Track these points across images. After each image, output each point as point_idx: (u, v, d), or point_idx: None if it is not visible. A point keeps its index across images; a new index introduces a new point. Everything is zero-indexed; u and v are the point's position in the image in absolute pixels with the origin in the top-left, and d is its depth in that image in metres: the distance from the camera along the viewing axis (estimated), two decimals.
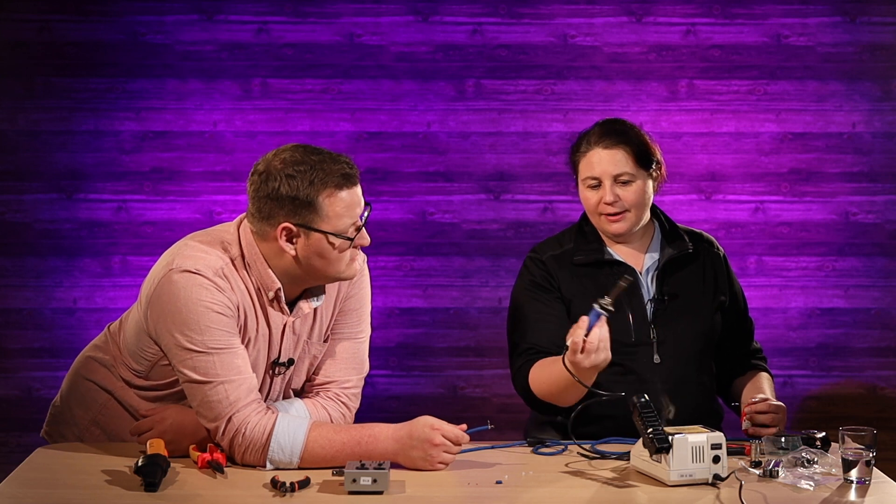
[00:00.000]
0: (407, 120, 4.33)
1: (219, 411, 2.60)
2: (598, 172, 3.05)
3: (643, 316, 3.07)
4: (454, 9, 4.31)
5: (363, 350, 2.87)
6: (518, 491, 2.51)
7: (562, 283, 3.11)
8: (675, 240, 3.15)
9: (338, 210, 2.60)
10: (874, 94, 4.31)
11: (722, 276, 3.17)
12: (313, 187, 2.58)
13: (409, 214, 4.33)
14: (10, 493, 2.46)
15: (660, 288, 3.09)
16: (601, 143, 3.06)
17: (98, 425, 2.84)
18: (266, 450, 2.58)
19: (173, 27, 4.28)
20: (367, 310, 2.88)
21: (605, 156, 3.05)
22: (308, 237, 2.60)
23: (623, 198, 3.04)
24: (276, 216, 2.60)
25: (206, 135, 4.31)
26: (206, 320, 2.59)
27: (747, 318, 3.25)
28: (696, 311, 3.10)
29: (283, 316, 2.71)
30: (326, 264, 2.64)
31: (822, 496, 2.48)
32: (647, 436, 2.51)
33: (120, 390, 2.81)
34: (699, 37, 4.32)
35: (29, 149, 4.29)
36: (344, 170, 2.60)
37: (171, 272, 2.61)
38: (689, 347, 3.08)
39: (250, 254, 2.66)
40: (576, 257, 3.12)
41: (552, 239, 3.22)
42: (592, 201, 3.07)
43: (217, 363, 2.59)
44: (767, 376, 3.19)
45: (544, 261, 3.14)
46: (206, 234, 2.73)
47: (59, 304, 4.32)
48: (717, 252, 3.21)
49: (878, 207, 4.33)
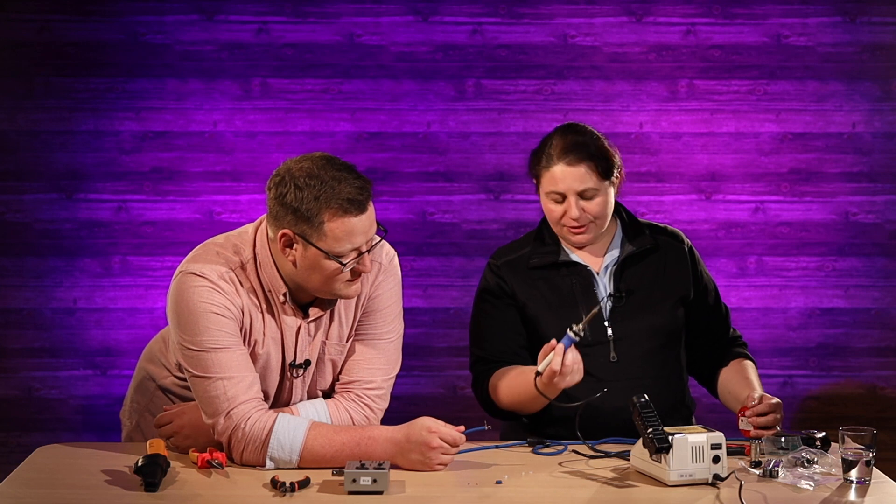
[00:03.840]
0: (407, 120, 4.33)
1: (217, 406, 2.61)
2: (563, 189, 3.01)
3: (598, 315, 3.04)
4: (454, 9, 4.31)
5: (391, 350, 2.84)
6: (518, 491, 2.52)
7: (516, 288, 3.11)
8: (637, 236, 3.12)
9: (337, 233, 2.58)
10: (874, 94, 4.31)
11: (685, 271, 3.13)
12: (317, 204, 2.57)
13: (409, 214, 4.33)
14: (10, 493, 2.46)
15: (616, 285, 3.08)
16: (564, 158, 3.00)
17: (150, 412, 2.91)
18: (266, 446, 2.59)
19: (173, 27, 4.28)
20: (396, 309, 2.84)
21: (568, 172, 3.00)
22: (305, 249, 2.61)
23: (588, 210, 3.02)
24: (281, 221, 2.61)
25: (206, 135, 4.31)
26: (204, 321, 2.61)
27: (719, 308, 3.20)
28: (654, 307, 3.07)
29: (297, 319, 2.72)
30: (322, 280, 2.63)
31: (821, 496, 2.48)
32: (647, 436, 2.52)
33: (163, 378, 2.90)
34: (699, 37, 4.32)
35: (29, 149, 4.29)
36: (353, 195, 2.57)
37: (181, 274, 2.67)
38: (647, 344, 3.05)
39: (262, 255, 2.68)
40: (531, 261, 3.12)
41: (512, 244, 3.22)
42: (556, 213, 3.05)
43: (215, 361, 2.61)
44: (751, 364, 3.17)
45: (500, 266, 3.14)
46: (225, 237, 2.76)
47: (59, 304, 4.32)
48: (681, 246, 3.16)
49: (878, 207, 4.33)
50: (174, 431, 2.75)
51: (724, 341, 3.21)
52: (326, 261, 2.60)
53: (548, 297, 3.08)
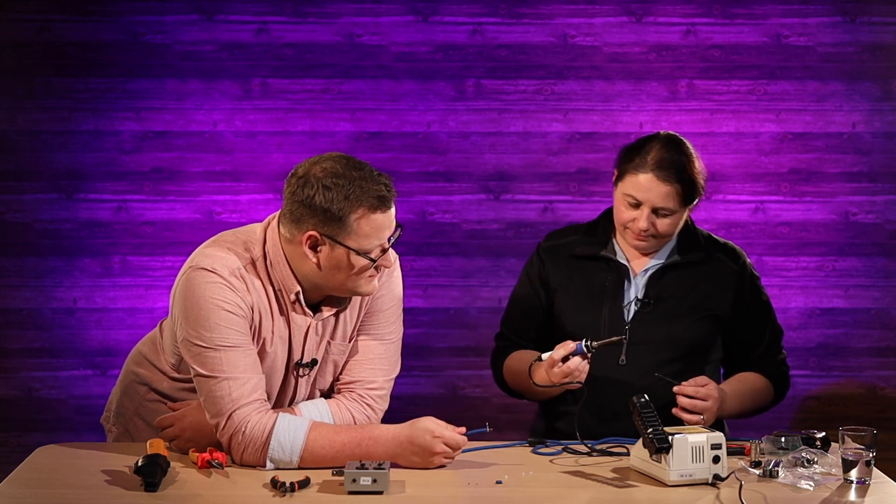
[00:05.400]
0: (407, 120, 4.33)
1: (220, 407, 2.61)
2: (642, 198, 3.00)
3: (620, 317, 3.05)
4: (454, 9, 4.31)
5: (392, 351, 2.85)
6: (518, 491, 2.52)
7: (551, 274, 3.14)
8: (689, 247, 3.11)
9: (367, 230, 2.60)
10: (874, 94, 4.31)
11: (727, 289, 3.10)
12: (348, 203, 2.58)
13: (409, 214, 4.33)
14: (10, 493, 2.46)
15: (648, 291, 3.07)
16: (657, 171, 2.98)
17: (140, 417, 2.89)
18: (266, 448, 2.59)
19: (173, 27, 4.28)
20: (398, 310, 2.86)
21: (655, 186, 2.98)
22: (333, 249, 2.61)
23: (657, 227, 3.02)
24: (305, 222, 2.60)
25: (206, 135, 4.31)
26: (216, 318, 2.60)
27: (764, 332, 3.16)
28: (678, 319, 3.05)
29: (307, 318, 2.72)
30: (346, 278, 2.64)
31: (821, 496, 2.48)
32: (647, 436, 2.52)
33: (158, 382, 2.86)
34: (699, 37, 4.32)
35: (29, 149, 4.29)
36: (381, 192, 2.60)
37: (191, 269, 2.65)
38: (661, 354, 3.04)
39: (274, 255, 2.68)
40: (576, 249, 3.14)
41: (566, 228, 3.27)
42: (625, 216, 3.04)
43: (223, 360, 2.60)
44: (759, 378, 3.13)
45: (545, 249, 3.19)
46: (233, 233, 2.75)
47: (59, 304, 4.32)
48: (733, 265, 3.12)
49: (878, 207, 4.33)
50: (176, 435, 2.75)
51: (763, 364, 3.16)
52: (355, 258, 2.61)
53: (579, 290, 3.09)
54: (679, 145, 3.05)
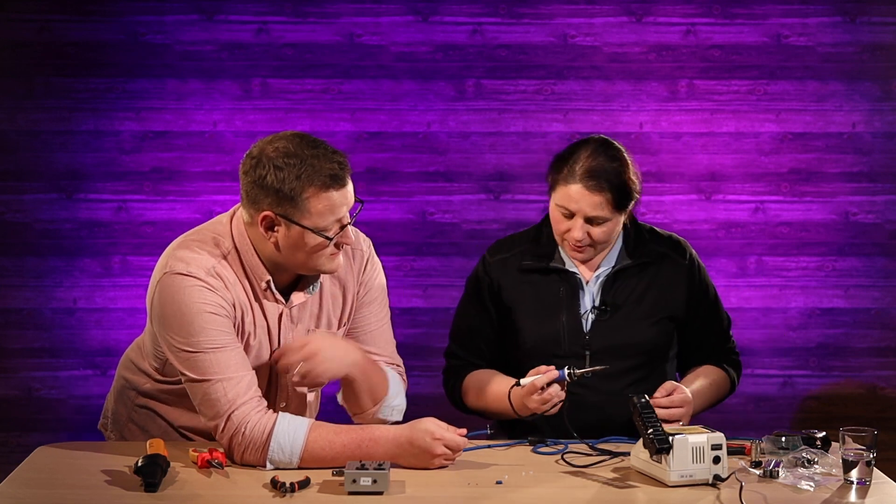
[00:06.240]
0: (407, 120, 4.33)
1: (217, 409, 2.60)
2: (574, 209, 2.95)
3: (578, 327, 3.03)
4: (454, 9, 4.31)
5: (388, 330, 2.93)
6: (518, 491, 2.52)
7: (503, 287, 3.10)
8: (637, 248, 3.07)
9: (320, 209, 2.59)
10: (874, 94, 4.31)
11: (679, 287, 3.08)
12: (299, 182, 2.57)
13: (409, 214, 4.33)
14: (10, 493, 2.46)
15: (604, 297, 3.05)
16: (585, 181, 2.93)
17: (134, 422, 2.89)
18: (266, 449, 2.58)
19: (173, 27, 4.28)
20: (384, 296, 2.90)
21: (584, 196, 2.93)
22: (289, 229, 2.60)
23: (592, 235, 2.98)
24: (260, 203, 2.61)
25: (206, 135, 4.31)
26: (200, 321, 2.60)
27: (715, 321, 3.15)
28: (637, 324, 3.03)
29: (279, 305, 2.71)
30: (306, 257, 2.64)
31: (822, 497, 2.48)
32: (648, 436, 2.52)
33: (143, 385, 2.85)
34: (699, 37, 4.32)
35: (29, 149, 4.29)
36: (334, 170, 2.59)
37: (166, 275, 2.64)
38: (625, 361, 3.01)
39: (241, 244, 2.67)
40: (523, 262, 3.09)
41: (510, 239, 3.19)
42: (561, 227, 3.01)
43: (214, 362, 2.60)
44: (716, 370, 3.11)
45: (492, 263, 3.13)
46: (199, 231, 2.74)
47: (59, 304, 4.32)
48: (681, 260, 3.10)
49: (878, 207, 4.33)
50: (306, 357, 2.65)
51: (717, 355, 3.16)
52: (311, 237, 2.60)
53: (533, 303, 3.06)
54: (607, 151, 2.99)
